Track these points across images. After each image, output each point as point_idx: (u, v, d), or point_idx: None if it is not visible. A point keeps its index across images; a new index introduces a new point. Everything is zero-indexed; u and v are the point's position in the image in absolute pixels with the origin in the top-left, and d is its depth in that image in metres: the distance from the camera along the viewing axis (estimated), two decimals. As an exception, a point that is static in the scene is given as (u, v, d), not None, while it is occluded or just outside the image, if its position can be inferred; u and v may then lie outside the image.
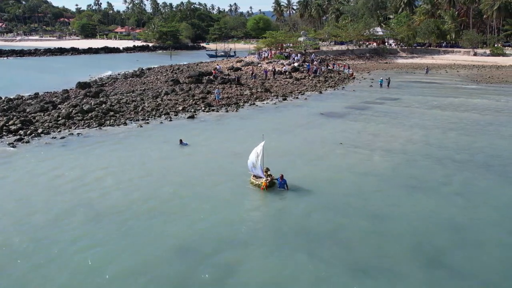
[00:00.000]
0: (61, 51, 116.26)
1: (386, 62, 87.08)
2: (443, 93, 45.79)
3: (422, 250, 13.16)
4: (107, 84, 48.60)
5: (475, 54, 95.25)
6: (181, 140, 24.26)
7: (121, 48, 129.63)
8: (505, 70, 73.26)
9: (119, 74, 61.83)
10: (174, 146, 24.16)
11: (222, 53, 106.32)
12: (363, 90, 47.80)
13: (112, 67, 72.60)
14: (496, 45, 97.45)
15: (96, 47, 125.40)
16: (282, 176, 17.20)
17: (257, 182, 17.56)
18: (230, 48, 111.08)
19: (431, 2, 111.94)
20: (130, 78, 54.55)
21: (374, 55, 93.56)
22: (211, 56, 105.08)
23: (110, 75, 60.21)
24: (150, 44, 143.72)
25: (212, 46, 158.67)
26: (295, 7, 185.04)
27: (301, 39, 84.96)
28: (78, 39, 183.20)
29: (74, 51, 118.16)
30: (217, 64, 65.65)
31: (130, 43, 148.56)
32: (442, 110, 35.86)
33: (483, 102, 39.58)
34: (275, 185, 17.39)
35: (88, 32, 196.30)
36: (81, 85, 44.79)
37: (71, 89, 44.48)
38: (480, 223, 15.04)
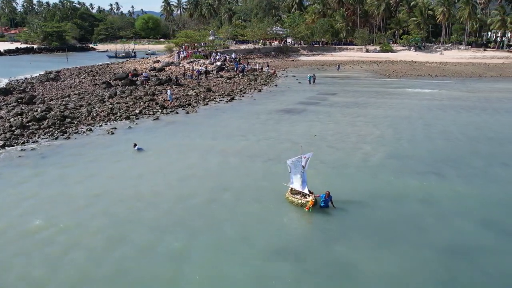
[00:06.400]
0: None
1: (292, 60, 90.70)
2: (370, 86, 49.33)
3: (492, 225, 14.50)
4: (28, 89, 43.91)
5: (367, 51, 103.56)
6: (135, 144, 22.84)
7: (2, 51, 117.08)
8: (400, 64, 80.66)
9: (26, 78, 56.13)
10: (169, 152, 23.08)
11: (123, 54, 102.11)
12: (296, 87, 49.43)
13: (7, 72, 65.20)
14: (384, 42, 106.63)
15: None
16: (328, 193, 15.47)
17: (298, 201, 15.80)
18: (133, 49, 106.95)
19: (322, 2, 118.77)
20: (48, 82, 49.96)
21: (279, 53, 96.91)
22: (110, 57, 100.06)
23: (18, 80, 54.39)
24: (35, 46, 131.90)
25: (100, 47, 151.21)
26: (185, 7, 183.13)
27: (210, 38, 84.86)
28: None
29: None
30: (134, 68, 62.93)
31: (9, 45, 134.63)
32: (390, 99, 38.82)
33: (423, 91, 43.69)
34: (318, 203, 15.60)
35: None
36: (2, 91, 40.06)
37: (-13, 95, 39.55)
38: None
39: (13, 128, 26.42)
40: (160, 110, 33.62)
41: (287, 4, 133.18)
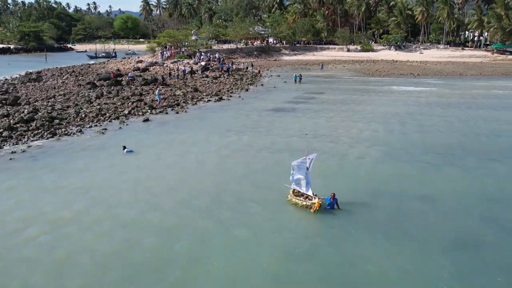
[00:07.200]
0: None
1: (275, 60, 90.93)
2: (355, 84, 49.78)
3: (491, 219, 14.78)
4: (11, 90, 42.92)
5: (348, 50, 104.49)
6: (124, 147, 22.45)
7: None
8: (382, 64, 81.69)
9: (6, 79, 54.87)
10: (162, 152, 22.89)
11: (103, 54, 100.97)
12: (283, 86, 49.57)
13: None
14: (365, 42, 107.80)
15: None
16: (334, 195, 15.31)
17: (302, 203, 15.55)
18: (113, 49, 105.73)
19: (303, 2, 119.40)
20: (30, 83, 48.91)
21: (261, 53, 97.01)
22: (91, 57, 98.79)
23: (-1, 81, 53.19)
24: (12, 46, 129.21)
25: (79, 47, 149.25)
26: (164, 6, 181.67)
27: (193, 38, 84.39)
28: None
29: None
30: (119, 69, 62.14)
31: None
32: (374, 95, 39.23)
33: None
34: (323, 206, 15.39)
35: None
36: (-18, 93, 39.15)
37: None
38: None
39: (1, 130, 25.85)
40: (149, 111, 33.32)
41: (267, 4, 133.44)
